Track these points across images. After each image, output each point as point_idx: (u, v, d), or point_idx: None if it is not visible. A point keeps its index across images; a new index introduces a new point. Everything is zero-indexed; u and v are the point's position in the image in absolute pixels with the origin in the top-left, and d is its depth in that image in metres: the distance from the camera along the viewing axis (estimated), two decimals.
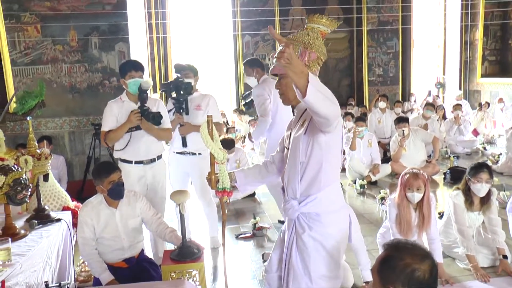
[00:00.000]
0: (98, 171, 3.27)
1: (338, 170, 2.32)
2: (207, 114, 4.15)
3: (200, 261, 3.09)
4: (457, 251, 3.89)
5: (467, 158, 8.25)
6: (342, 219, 2.34)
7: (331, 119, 1.98)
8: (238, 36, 11.44)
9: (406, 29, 12.32)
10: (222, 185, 2.36)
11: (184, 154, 4.20)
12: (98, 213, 3.25)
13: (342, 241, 2.34)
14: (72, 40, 6.22)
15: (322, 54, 2.22)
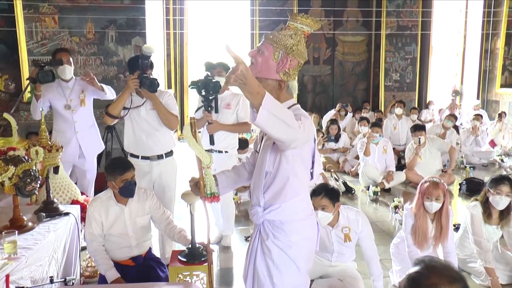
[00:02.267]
0: (112, 167, 3.20)
1: (306, 182, 2.19)
2: (236, 113, 4.21)
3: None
4: (473, 266, 3.77)
5: (483, 169, 8.08)
6: (308, 228, 2.23)
7: (286, 142, 1.88)
8: (255, 35, 11.36)
9: (426, 35, 12.15)
10: (210, 190, 2.24)
11: (211, 151, 4.16)
12: (107, 209, 3.19)
13: (308, 249, 2.25)
14: (89, 32, 6.20)
15: (302, 58, 2.11)
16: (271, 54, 2.06)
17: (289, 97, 2.15)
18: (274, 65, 2.06)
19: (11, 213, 2.88)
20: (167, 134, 3.81)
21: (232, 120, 4.22)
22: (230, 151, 4.26)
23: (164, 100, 3.74)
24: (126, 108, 3.68)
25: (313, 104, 11.77)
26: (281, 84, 2.10)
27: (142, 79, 3.57)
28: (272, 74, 2.08)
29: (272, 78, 2.09)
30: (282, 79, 2.08)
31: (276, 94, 2.09)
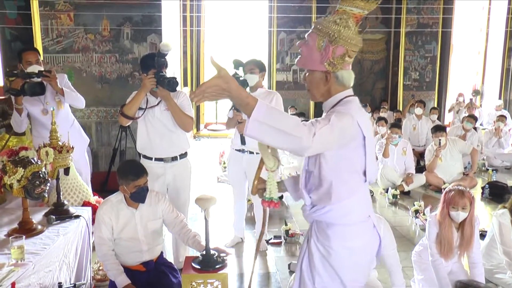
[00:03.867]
0: (125, 171, 3.09)
1: (356, 185, 1.99)
2: None
3: (224, 271, 2.89)
4: (501, 277, 3.59)
5: (506, 172, 7.82)
6: (355, 236, 2.02)
7: (292, 151, 1.77)
8: (273, 32, 11.21)
9: (446, 33, 11.86)
10: (269, 195, 2.12)
11: (243, 151, 4.12)
12: (118, 212, 3.09)
13: (352, 261, 2.03)
14: (104, 29, 6.12)
15: (352, 45, 1.91)
16: (315, 44, 1.94)
17: (341, 89, 1.99)
18: (319, 55, 1.93)
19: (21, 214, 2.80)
20: (182, 135, 3.70)
21: None
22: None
23: (179, 100, 3.63)
24: (141, 109, 3.58)
25: None
26: (327, 75, 1.96)
27: (159, 78, 3.46)
28: (317, 65, 1.95)
29: (317, 69, 1.97)
30: (327, 70, 1.94)
31: (325, 87, 1.98)
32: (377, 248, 2.13)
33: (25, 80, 3.86)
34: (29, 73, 3.89)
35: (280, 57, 11.46)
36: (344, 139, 1.87)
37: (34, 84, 3.88)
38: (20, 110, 4.02)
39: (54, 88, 4.01)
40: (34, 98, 4.05)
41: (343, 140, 1.87)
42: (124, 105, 3.58)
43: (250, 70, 4.02)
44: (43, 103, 4.14)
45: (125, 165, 3.22)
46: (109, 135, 6.41)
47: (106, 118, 6.37)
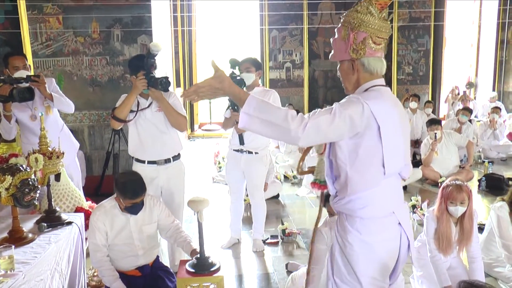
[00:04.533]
0: (123, 189, 3.02)
1: (373, 178, 1.92)
2: None
3: (219, 274, 2.86)
4: (500, 271, 3.56)
5: (502, 164, 7.82)
6: (373, 230, 1.95)
7: (284, 141, 1.87)
8: (265, 30, 11.15)
9: (439, 26, 11.83)
10: (317, 177, 2.18)
11: (241, 151, 4.08)
12: (112, 218, 3.05)
13: (367, 258, 1.97)
14: (94, 32, 6.05)
15: (375, 31, 1.91)
16: (341, 35, 1.98)
17: (369, 77, 1.98)
18: (343, 44, 1.97)
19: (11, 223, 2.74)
20: (174, 136, 3.65)
21: None
22: (260, 152, 4.09)
23: (171, 101, 3.58)
24: (133, 111, 3.53)
25: (324, 99, 11.53)
26: (353, 63, 1.98)
27: (150, 79, 3.42)
28: (343, 54, 1.99)
29: (344, 59, 2.00)
30: (352, 57, 1.96)
31: (354, 77, 1.99)
32: (400, 248, 2.03)
33: (12, 85, 3.77)
34: (17, 79, 3.81)
35: (272, 55, 11.39)
36: (354, 128, 1.85)
37: (22, 90, 3.80)
38: (9, 117, 3.94)
39: (43, 93, 3.94)
40: (22, 104, 3.97)
41: (353, 129, 1.84)
42: (115, 108, 3.52)
43: (246, 69, 3.98)
44: (32, 108, 4.06)
45: (124, 181, 3.07)
46: (102, 139, 6.35)
47: (99, 122, 6.30)
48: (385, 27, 1.95)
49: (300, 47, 11.37)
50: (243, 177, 4.22)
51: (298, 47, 11.37)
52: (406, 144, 2.04)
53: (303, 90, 11.51)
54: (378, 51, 1.96)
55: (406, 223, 2.04)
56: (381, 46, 1.96)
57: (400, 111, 2.01)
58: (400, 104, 2.08)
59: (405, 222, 2.04)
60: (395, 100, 2.02)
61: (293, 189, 6.31)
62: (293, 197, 6.02)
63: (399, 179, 2.06)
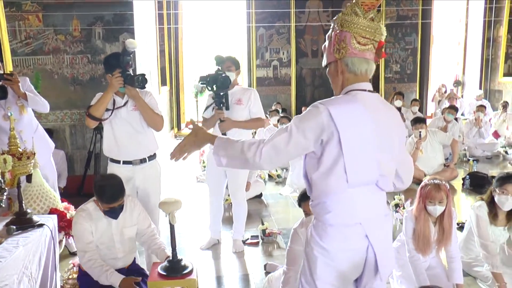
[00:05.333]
0: (101, 193, 2.95)
1: (334, 187, 1.83)
2: (249, 108, 4.01)
3: (192, 277, 2.79)
4: (479, 270, 3.54)
5: (487, 162, 7.84)
6: (329, 239, 1.87)
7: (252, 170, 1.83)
8: (252, 28, 11.10)
9: (426, 24, 11.86)
10: None
11: None
12: (96, 220, 3.01)
13: (325, 264, 1.89)
14: (74, 30, 5.95)
15: (360, 30, 1.86)
16: (328, 37, 1.97)
17: (354, 80, 1.91)
18: (330, 47, 1.95)
19: None
20: (150, 136, 3.59)
21: (244, 116, 4.03)
22: None
23: (147, 99, 3.52)
24: (108, 110, 3.46)
25: (312, 98, 11.51)
26: (336, 66, 1.94)
27: (126, 76, 3.36)
28: (329, 57, 1.97)
29: (330, 61, 1.97)
30: (336, 58, 1.92)
31: (339, 79, 1.95)
32: (366, 261, 1.91)
33: None
34: None
35: (259, 53, 11.35)
36: (316, 139, 1.82)
37: None
38: None
39: (17, 93, 3.86)
40: None
41: (315, 140, 1.82)
42: (90, 107, 3.46)
43: (228, 67, 3.97)
44: (4, 108, 3.96)
45: (102, 185, 2.98)
46: (84, 138, 6.26)
47: (80, 121, 6.21)
48: (372, 27, 1.87)
49: (288, 45, 11.34)
50: (225, 177, 4.17)
51: (285, 45, 11.34)
52: (385, 154, 1.89)
53: (290, 88, 11.48)
54: (364, 52, 1.89)
55: (376, 237, 1.89)
56: (367, 47, 1.88)
57: (381, 119, 1.88)
58: (385, 112, 1.94)
59: (375, 236, 1.89)
60: (375, 107, 1.89)
61: (277, 188, 6.27)
62: (277, 196, 5.98)
63: (377, 190, 1.92)
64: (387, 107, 2.00)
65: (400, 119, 2.08)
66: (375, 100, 1.93)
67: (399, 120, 2.05)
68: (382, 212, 1.97)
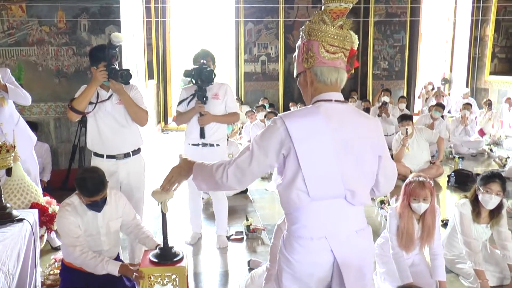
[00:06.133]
0: (81, 186, 2.91)
1: (298, 201, 1.80)
2: (225, 102, 4.00)
3: (181, 264, 2.84)
4: (462, 267, 3.57)
5: (472, 159, 7.90)
6: (294, 251, 1.83)
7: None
8: (240, 23, 11.05)
9: (415, 22, 11.92)
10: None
11: (202, 145, 3.99)
12: (81, 214, 2.97)
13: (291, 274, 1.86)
14: (59, 21, 5.86)
15: (328, 38, 1.81)
16: (297, 47, 1.95)
17: (324, 89, 1.86)
18: (299, 57, 1.91)
19: None
20: (135, 130, 3.55)
21: (221, 110, 4.02)
22: (221, 144, 4.08)
23: (132, 94, 3.49)
24: (92, 103, 3.42)
25: (299, 93, 11.49)
26: (305, 76, 1.90)
27: (111, 70, 3.32)
28: (299, 67, 1.93)
29: (300, 71, 1.94)
30: (304, 68, 1.88)
31: (309, 89, 1.90)
32: (332, 277, 1.85)
33: None
34: None
35: (248, 48, 11.31)
36: (277, 155, 1.81)
37: None
38: None
39: None
40: None
41: (276, 156, 1.81)
42: (73, 99, 3.41)
43: (206, 62, 3.94)
44: None
45: (83, 178, 2.93)
46: (69, 131, 6.19)
47: (65, 114, 6.06)
48: (341, 34, 1.83)
49: (276, 40, 11.32)
50: None
51: (273, 40, 11.32)
52: (351, 168, 1.82)
53: (278, 84, 11.47)
54: (333, 61, 1.84)
55: (342, 252, 1.82)
56: (337, 56, 1.83)
57: (346, 131, 1.81)
58: (355, 122, 1.86)
59: (342, 251, 1.82)
60: (340, 118, 1.82)
61: (263, 184, 6.25)
62: (262, 192, 5.96)
63: (347, 205, 1.84)
64: (359, 117, 1.90)
65: (378, 127, 1.95)
66: (342, 110, 1.86)
67: (375, 129, 1.93)
68: (353, 228, 1.87)
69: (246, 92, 11.48)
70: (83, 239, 2.97)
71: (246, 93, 11.47)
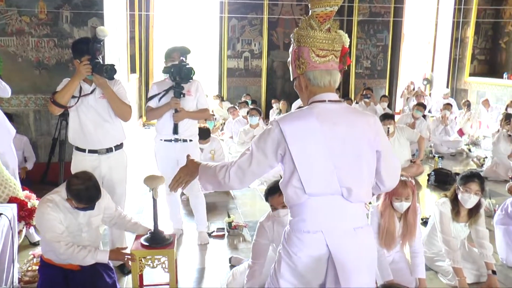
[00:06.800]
0: (78, 197, 2.84)
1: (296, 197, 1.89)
2: (197, 99, 4.02)
3: (171, 247, 2.97)
4: (441, 265, 3.63)
5: (451, 158, 8.03)
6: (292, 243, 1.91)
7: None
8: (224, 18, 11.01)
9: (398, 22, 12.04)
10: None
11: (175, 141, 3.99)
12: (63, 211, 2.90)
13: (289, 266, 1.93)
14: (41, 12, 5.74)
15: (317, 43, 1.88)
16: (290, 53, 2.02)
17: (318, 91, 1.93)
18: (293, 62, 1.99)
19: None
20: (118, 125, 3.51)
21: (193, 106, 4.04)
22: (194, 140, 4.11)
23: (115, 88, 3.45)
24: (75, 97, 3.35)
25: (282, 90, 11.55)
26: (300, 81, 1.97)
27: (95, 64, 3.27)
28: (294, 72, 2.01)
29: (295, 76, 2.01)
30: (298, 73, 1.96)
31: (305, 93, 1.98)
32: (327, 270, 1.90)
33: None
34: None
35: (231, 43, 11.28)
36: (275, 155, 1.90)
37: None
38: None
39: None
40: None
41: (275, 156, 1.91)
42: (55, 93, 3.34)
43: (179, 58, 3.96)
44: None
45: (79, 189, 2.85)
46: (49, 124, 6.08)
47: (45, 106, 6.01)
48: (329, 38, 1.89)
49: (260, 37, 11.31)
50: (177, 167, 4.10)
51: (257, 37, 11.31)
52: (346, 166, 1.87)
53: (261, 80, 11.47)
54: (325, 64, 1.90)
55: (338, 247, 1.87)
56: (328, 58, 1.89)
57: (340, 130, 1.87)
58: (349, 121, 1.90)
59: (337, 246, 1.88)
60: (333, 118, 1.88)
61: None
62: (244, 188, 5.95)
63: (345, 202, 1.88)
64: (353, 115, 1.94)
65: (375, 123, 1.97)
66: (336, 110, 1.92)
67: (372, 125, 1.95)
68: (351, 225, 1.91)
69: (229, 88, 11.45)
70: (66, 235, 2.93)
71: (228, 89, 11.45)
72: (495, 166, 6.64)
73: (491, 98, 10.65)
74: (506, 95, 10.60)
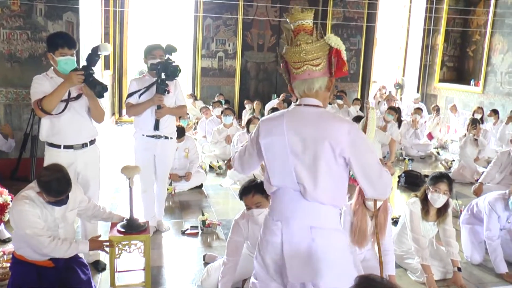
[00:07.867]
0: (47, 188, 2.78)
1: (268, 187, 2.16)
2: (176, 96, 4.11)
3: (146, 233, 3.13)
4: (410, 262, 3.74)
5: (421, 161, 8.25)
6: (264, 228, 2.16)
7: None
8: (199, 18, 11.00)
9: (371, 27, 12.27)
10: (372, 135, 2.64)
11: (156, 137, 4.06)
12: (40, 207, 2.85)
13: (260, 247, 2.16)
14: (13, 3, 5.63)
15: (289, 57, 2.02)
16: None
17: (301, 97, 2.09)
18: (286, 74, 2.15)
19: None
20: (91, 121, 3.49)
21: (172, 103, 4.13)
22: (173, 137, 4.24)
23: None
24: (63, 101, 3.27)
25: (256, 91, 11.60)
26: (292, 90, 2.11)
27: (88, 77, 3.23)
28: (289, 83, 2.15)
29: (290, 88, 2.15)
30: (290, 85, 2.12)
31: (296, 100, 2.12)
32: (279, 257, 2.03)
33: None
34: None
35: (205, 43, 11.28)
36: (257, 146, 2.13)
37: None
38: None
39: None
40: None
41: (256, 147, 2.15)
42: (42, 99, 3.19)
43: (160, 56, 3.99)
44: None
45: (49, 180, 2.79)
46: (20, 119, 5.96)
47: (17, 101, 5.90)
48: (296, 51, 1.98)
49: (234, 37, 11.34)
50: (154, 163, 4.19)
51: (231, 37, 11.34)
52: (304, 165, 1.96)
53: (234, 80, 11.50)
54: (300, 74, 2.00)
55: (290, 239, 1.99)
56: (302, 69, 1.99)
57: (306, 132, 1.95)
58: (317, 125, 1.96)
59: (290, 238, 2.00)
60: (302, 120, 1.98)
61: (218, 180, 6.28)
62: (217, 187, 5.99)
63: (303, 199, 1.98)
64: (324, 120, 1.97)
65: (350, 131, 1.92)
66: (309, 113, 2.01)
67: (344, 132, 1.92)
68: (307, 222, 1.99)
69: (202, 87, 11.44)
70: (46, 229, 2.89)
71: (202, 88, 11.44)
72: (461, 169, 6.86)
73: (459, 104, 10.99)
74: (472, 101, 10.95)
